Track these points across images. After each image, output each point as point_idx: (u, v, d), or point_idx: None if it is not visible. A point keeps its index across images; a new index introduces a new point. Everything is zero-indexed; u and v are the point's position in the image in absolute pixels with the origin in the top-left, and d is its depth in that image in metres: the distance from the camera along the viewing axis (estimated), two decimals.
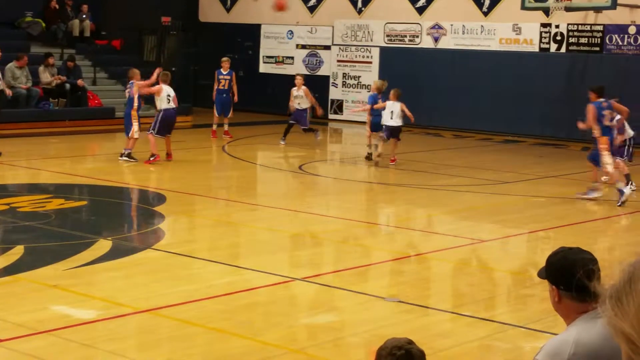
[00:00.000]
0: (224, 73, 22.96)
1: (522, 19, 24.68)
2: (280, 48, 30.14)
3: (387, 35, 27.79)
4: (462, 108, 25.62)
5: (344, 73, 28.67)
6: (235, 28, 30.97)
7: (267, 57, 30.40)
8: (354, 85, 28.45)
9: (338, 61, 28.79)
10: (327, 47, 29.07)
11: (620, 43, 23.61)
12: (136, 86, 18.14)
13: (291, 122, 22.09)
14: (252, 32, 30.59)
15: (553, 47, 24.69)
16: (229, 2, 31.53)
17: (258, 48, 30.57)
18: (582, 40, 24.21)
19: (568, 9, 22.29)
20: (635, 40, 23.36)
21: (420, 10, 27.19)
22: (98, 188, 15.43)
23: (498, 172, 18.48)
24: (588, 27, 24.09)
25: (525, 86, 24.57)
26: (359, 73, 28.33)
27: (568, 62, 24.32)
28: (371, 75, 27.86)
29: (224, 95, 22.71)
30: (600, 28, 23.91)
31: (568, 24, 24.30)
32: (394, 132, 18.72)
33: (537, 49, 24.98)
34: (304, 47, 29.66)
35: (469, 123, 25.41)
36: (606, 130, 15.03)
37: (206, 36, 31.45)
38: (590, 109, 15.08)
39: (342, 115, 28.56)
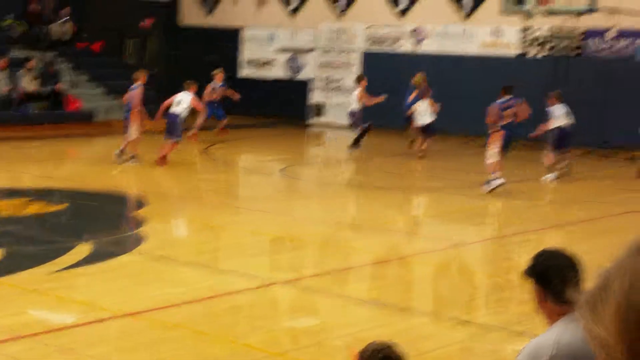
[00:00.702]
0: (219, 84, 22.63)
1: (503, 22, 24.76)
2: (262, 51, 30.11)
3: (369, 39, 27.82)
4: (445, 111, 25.56)
5: (325, 76, 28.68)
6: (215, 31, 30.95)
7: (248, 60, 30.37)
8: (335, 89, 28.46)
9: (319, 64, 28.80)
10: (309, 51, 29.07)
11: (600, 47, 23.73)
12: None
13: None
14: (232, 35, 30.56)
15: (533, 50, 24.79)
16: (210, 5, 31.49)
17: (239, 51, 30.53)
18: (562, 44, 24.31)
19: (548, 13, 22.36)
20: (615, 43, 23.48)
21: (402, 14, 27.24)
22: (78, 192, 15.36)
23: (481, 175, 18.51)
24: (568, 31, 24.19)
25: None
26: (340, 76, 28.34)
27: (548, 66, 24.40)
28: (352, 78, 27.91)
29: (215, 104, 22.27)
30: (580, 32, 24.01)
31: (548, 28, 24.40)
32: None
33: (516, 53, 25.07)
34: (285, 50, 29.65)
35: (451, 126, 25.37)
36: (505, 126, 15.39)
37: (186, 39, 31.41)
38: (492, 107, 16.07)
39: (323, 119, 28.58)
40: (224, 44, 30.64)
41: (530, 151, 20.36)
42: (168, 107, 18.31)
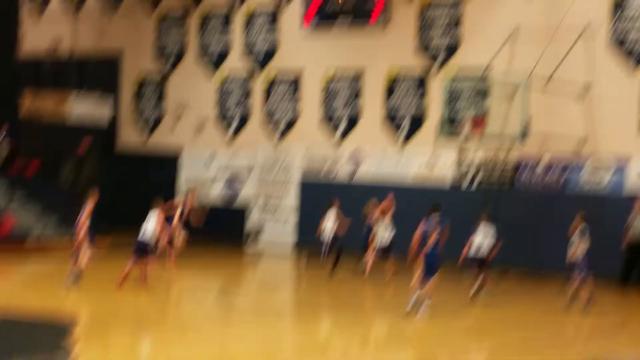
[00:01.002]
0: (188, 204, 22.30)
1: (437, 150, 25.21)
2: (200, 174, 30.20)
3: (306, 163, 28.08)
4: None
5: (262, 200, 28.77)
6: (154, 154, 31.09)
7: (186, 182, 30.42)
8: (272, 212, 28.55)
9: (257, 188, 28.93)
10: (247, 174, 29.23)
11: (531, 178, 24.20)
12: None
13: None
14: (171, 158, 30.69)
15: (466, 179, 25.20)
16: (148, 128, 31.66)
17: (178, 175, 30.62)
18: (495, 173, 24.76)
19: (482, 141, 22.87)
20: (546, 175, 23.98)
21: (339, 139, 27.64)
22: (6, 315, 14.98)
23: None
24: (500, 162, 24.66)
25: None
26: (277, 199, 28.47)
27: (480, 197, 24.74)
28: (290, 202, 28.09)
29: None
30: (512, 162, 24.49)
31: (481, 158, 24.86)
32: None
33: (450, 182, 25.45)
34: (223, 173, 29.78)
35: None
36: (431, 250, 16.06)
37: (124, 161, 31.48)
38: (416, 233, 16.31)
39: (260, 242, 28.60)
40: (162, 168, 30.75)
41: (457, 274, 20.48)
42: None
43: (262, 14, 29.42)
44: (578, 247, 17.97)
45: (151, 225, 18.14)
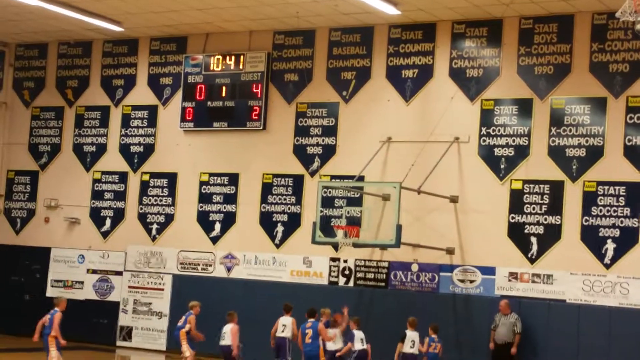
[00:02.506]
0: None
1: (313, 252, 25.86)
2: (70, 272, 29.85)
3: (181, 263, 28.20)
4: (254, 337, 25.83)
5: (134, 299, 28.61)
6: (23, 250, 30.59)
7: (56, 280, 29.97)
8: (145, 312, 28.39)
9: (129, 287, 28.78)
10: (119, 273, 29.08)
11: (404, 279, 25.09)
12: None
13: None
14: (41, 255, 30.25)
15: (342, 280, 25.88)
16: (18, 224, 31.19)
17: (47, 271, 30.16)
18: (369, 275, 25.56)
19: (356, 245, 23.61)
20: (418, 277, 24.91)
21: (214, 240, 27.93)
22: None
23: None
24: (374, 263, 25.53)
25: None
26: (150, 299, 28.36)
27: (355, 296, 25.43)
28: (163, 302, 28.03)
29: None
30: (385, 265, 25.37)
31: (356, 259, 25.68)
32: None
33: (326, 282, 26.08)
34: (94, 272, 29.52)
35: (263, 354, 25.61)
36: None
37: None
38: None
39: (131, 343, 28.31)
40: (31, 263, 30.26)
41: None
42: None
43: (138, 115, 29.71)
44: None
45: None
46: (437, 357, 22.16)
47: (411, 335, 21.96)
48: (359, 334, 21.85)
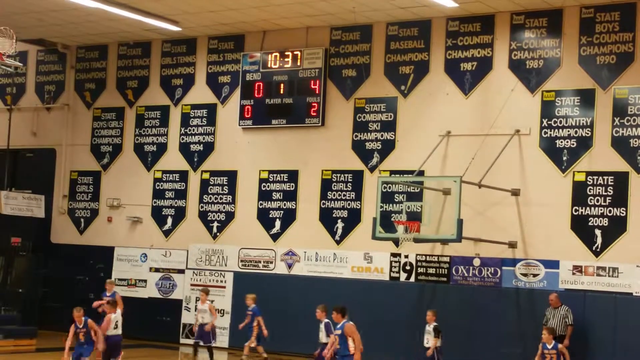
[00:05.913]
0: (108, 295, 22.76)
1: (374, 248, 25.73)
2: (134, 271, 30.15)
3: (242, 261, 28.30)
4: (315, 334, 25.83)
5: (197, 297, 28.74)
6: (87, 250, 30.95)
7: (120, 279, 30.28)
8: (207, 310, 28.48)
9: (191, 285, 28.97)
10: (181, 271, 29.28)
11: (466, 274, 24.85)
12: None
13: (195, 340, 22.39)
14: (104, 254, 30.60)
15: (402, 276, 25.72)
16: (82, 224, 31.57)
17: (111, 270, 30.49)
18: (430, 271, 25.36)
19: (417, 240, 23.41)
20: (480, 272, 24.65)
21: (275, 237, 27.96)
22: None
23: None
24: (436, 258, 25.33)
25: (375, 313, 25.26)
26: (211, 297, 28.48)
27: (416, 291, 25.26)
28: (224, 300, 28.15)
29: None
30: (447, 259, 25.16)
31: (417, 255, 25.49)
32: None
33: (387, 278, 25.94)
34: (157, 270, 29.77)
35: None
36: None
37: (57, 257, 31.26)
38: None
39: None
40: (95, 262, 30.62)
41: None
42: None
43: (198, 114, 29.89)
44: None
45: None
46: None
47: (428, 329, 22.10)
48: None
